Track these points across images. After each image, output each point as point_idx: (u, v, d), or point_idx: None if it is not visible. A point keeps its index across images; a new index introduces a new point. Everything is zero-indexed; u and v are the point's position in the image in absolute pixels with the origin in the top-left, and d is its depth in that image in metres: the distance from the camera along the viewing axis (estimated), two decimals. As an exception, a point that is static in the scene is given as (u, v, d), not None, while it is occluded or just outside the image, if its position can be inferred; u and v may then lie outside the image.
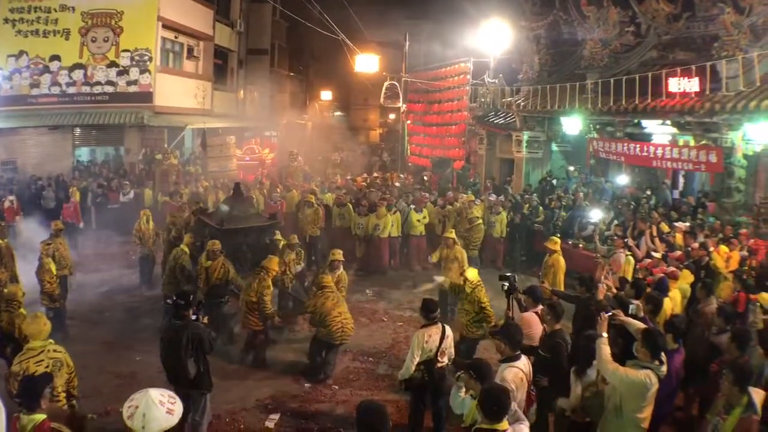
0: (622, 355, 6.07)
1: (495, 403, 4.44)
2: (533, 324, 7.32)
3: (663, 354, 5.72)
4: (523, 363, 5.88)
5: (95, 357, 9.57)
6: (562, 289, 10.69)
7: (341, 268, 10.86)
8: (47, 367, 6.06)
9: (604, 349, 5.70)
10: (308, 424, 8.07)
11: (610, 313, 6.37)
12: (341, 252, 11.10)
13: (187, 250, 11.23)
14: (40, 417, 4.72)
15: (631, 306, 7.06)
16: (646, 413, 5.58)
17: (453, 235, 12.71)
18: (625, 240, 12.24)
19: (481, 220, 14.84)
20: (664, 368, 5.64)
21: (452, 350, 7.44)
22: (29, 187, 19.55)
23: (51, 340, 6.39)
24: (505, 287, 7.51)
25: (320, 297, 9.24)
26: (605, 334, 5.86)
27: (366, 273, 15.50)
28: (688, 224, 13.17)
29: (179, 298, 7.24)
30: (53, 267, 10.61)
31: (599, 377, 5.89)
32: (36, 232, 14.89)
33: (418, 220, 16.09)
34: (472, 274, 9.29)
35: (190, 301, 7.21)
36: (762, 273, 9.78)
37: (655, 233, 12.50)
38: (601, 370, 5.70)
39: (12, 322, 7.82)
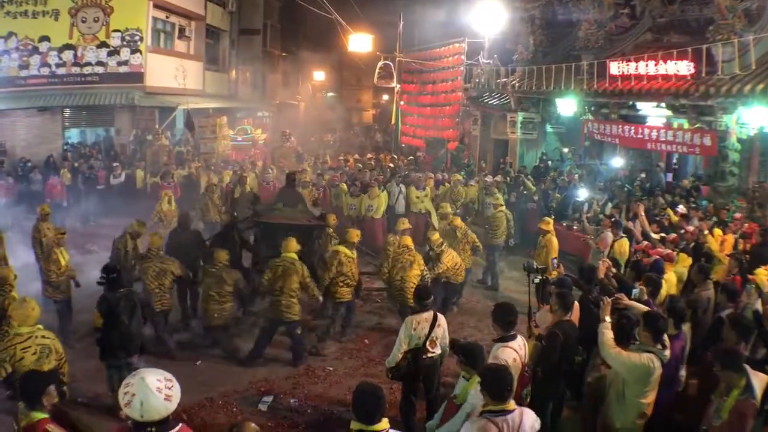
0: (625, 340, 5.99)
1: (498, 383, 4.42)
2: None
3: (666, 338, 5.66)
4: (518, 344, 5.80)
5: (84, 341, 9.44)
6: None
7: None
8: (35, 353, 5.96)
9: (606, 333, 5.66)
10: (301, 405, 8.05)
11: (613, 297, 6.30)
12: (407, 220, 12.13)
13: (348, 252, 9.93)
14: (36, 416, 4.50)
15: (634, 290, 6.92)
16: (650, 398, 5.55)
17: (449, 209, 13.66)
18: (613, 219, 12.23)
19: (503, 207, 14.18)
20: (667, 352, 5.58)
21: (446, 340, 7.16)
22: (17, 169, 19.35)
23: (40, 326, 6.27)
24: (536, 280, 7.35)
25: (450, 251, 10.89)
26: (608, 319, 5.80)
27: (359, 254, 15.38)
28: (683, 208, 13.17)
29: (112, 272, 7.56)
30: (62, 258, 9.92)
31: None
32: (23, 215, 14.82)
33: (417, 197, 15.98)
34: (458, 221, 12.31)
35: (119, 270, 7.75)
36: (754, 256, 9.80)
37: (641, 212, 12.43)
38: (602, 354, 5.67)
39: (3, 306, 7.44)
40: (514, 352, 5.68)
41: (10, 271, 8.23)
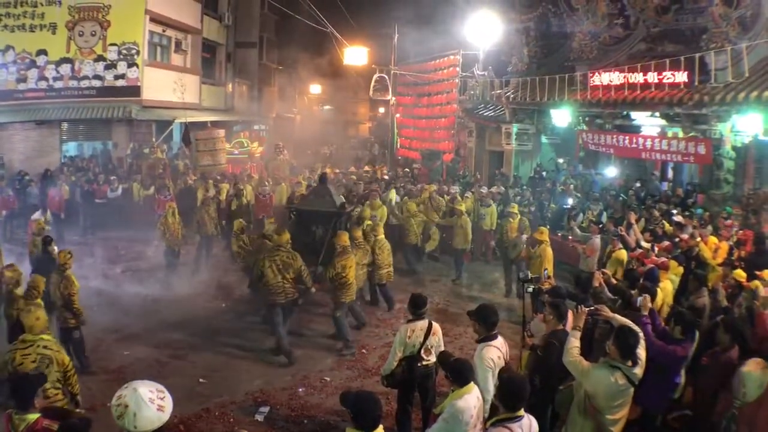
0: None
1: (516, 394, 4.59)
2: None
3: (642, 354, 5.51)
4: (500, 343, 6.02)
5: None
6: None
7: None
8: (33, 361, 5.99)
9: (572, 341, 5.66)
10: (298, 416, 8.05)
11: (591, 308, 6.31)
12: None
13: None
14: (32, 417, 4.63)
15: (639, 299, 6.94)
16: (618, 415, 5.39)
17: (463, 207, 14.61)
18: (602, 226, 12.26)
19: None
20: (638, 370, 5.39)
21: (441, 347, 7.16)
22: (15, 182, 19.35)
23: (44, 336, 6.30)
24: (530, 290, 7.34)
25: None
26: (579, 327, 5.80)
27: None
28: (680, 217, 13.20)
29: (49, 240, 10.39)
30: (76, 280, 9.18)
31: None
32: (21, 228, 14.79)
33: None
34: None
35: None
36: (749, 263, 9.82)
37: (633, 221, 12.46)
38: (563, 360, 5.64)
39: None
40: (498, 350, 5.91)
41: (41, 281, 8.21)
